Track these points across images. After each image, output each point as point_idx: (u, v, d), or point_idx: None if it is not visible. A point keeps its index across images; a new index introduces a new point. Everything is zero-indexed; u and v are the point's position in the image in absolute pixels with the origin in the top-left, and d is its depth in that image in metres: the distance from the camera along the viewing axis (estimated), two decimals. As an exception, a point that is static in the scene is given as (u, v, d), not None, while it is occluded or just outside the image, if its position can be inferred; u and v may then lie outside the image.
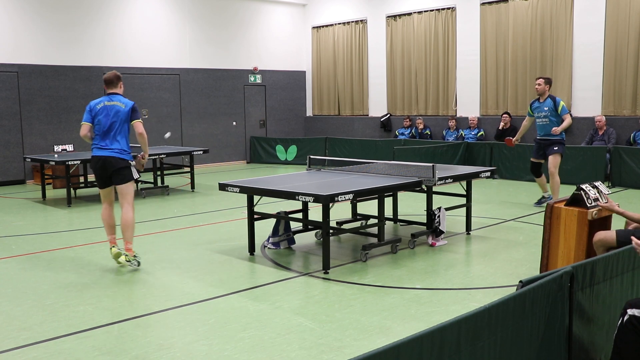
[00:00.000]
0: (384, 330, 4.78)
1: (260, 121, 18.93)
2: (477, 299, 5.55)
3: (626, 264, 3.62)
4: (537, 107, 9.65)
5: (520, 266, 6.57)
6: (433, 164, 7.24)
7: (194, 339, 4.69)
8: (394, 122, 17.56)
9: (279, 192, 6.64)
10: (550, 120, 9.48)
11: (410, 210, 9.50)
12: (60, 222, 9.61)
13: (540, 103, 9.62)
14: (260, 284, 6.12)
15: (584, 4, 13.85)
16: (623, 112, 13.52)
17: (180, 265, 6.83)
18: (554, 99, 9.53)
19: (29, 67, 14.25)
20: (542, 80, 9.59)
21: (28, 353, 4.47)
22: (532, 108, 9.77)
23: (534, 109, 9.72)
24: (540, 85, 9.56)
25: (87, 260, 7.09)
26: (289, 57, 19.41)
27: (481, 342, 2.65)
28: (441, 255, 7.12)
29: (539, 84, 9.58)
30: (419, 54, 16.88)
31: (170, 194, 12.20)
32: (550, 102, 9.51)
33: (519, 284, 2.99)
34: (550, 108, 9.47)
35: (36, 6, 14.32)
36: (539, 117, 9.64)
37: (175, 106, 16.90)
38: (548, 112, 9.48)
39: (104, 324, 5.02)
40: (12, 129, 14.09)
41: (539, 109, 9.62)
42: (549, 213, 5.39)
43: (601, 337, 3.55)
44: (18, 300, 5.67)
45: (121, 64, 15.71)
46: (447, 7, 16.21)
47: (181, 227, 8.96)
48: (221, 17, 17.67)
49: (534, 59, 14.73)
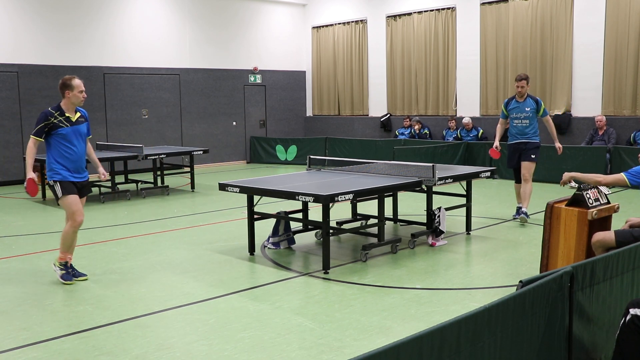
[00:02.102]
0: (384, 330, 4.78)
1: (260, 121, 18.93)
2: (477, 299, 5.55)
3: (626, 264, 3.62)
4: (516, 108, 8.76)
5: (520, 266, 6.57)
6: (433, 164, 7.24)
7: (194, 339, 4.69)
8: (394, 122, 17.56)
9: (279, 192, 6.64)
10: (531, 122, 8.73)
11: (410, 210, 9.50)
12: (60, 222, 9.56)
13: (519, 103, 8.74)
14: (260, 284, 6.12)
15: (584, 4, 13.85)
16: (623, 112, 13.52)
17: (180, 265, 6.83)
18: (535, 99, 8.79)
19: (29, 67, 14.25)
20: (526, 82, 8.72)
21: (28, 353, 4.47)
22: (509, 109, 8.85)
23: (511, 110, 8.81)
24: (523, 87, 8.69)
25: (87, 260, 7.09)
26: (289, 57, 19.41)
27: (481, 342, 2.65)
28: (441, 255, 7.12)
29: (523, 86, 8.69)
30: (419, 54, 16.88)
31: (170, 194, 12.19)
32: (531, 102, 8.71)
33: (519, 284, 2.99)
34: (532, 109, 8.69)
35: (36, 6, 14.32)
36: (517, 119, 8.77)
37: (175, 106, 16.90)
38: (530, 112, 8.68)
39: (104, 324, 5.02)
40: (12, 129, 14.09)
41: (517, 109, 8.74)
42: (549, 213, 5.39)
43: (601, 337, 3.55)
44: (18, 300, 5.67)
45: (121, 64, 15.73)
46: (447, 7, 16.21)
47: (181, 227, 8.96)
48: (221, 17, 17.67)
49: (534, 59, 14.73)
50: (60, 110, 6.11)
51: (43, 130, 6.02)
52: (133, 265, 6.85)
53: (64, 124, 6.05)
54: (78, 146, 6.14)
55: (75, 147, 6.10)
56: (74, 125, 6.13)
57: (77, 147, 6.13)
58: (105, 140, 15.28)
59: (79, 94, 6.15)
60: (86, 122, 6.35)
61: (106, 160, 11.84)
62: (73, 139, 6.09)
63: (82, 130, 6.22)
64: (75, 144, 6.10)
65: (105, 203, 11.16)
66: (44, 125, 6.01)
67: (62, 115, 6.09)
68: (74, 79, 6.21)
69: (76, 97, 6.13)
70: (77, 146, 6.13)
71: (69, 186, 6.05)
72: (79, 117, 6.24)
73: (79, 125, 6.18)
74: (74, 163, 6.10)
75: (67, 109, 6.14)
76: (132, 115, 16.07)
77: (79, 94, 6.14)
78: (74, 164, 6.10)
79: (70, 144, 6.06)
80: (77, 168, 6.14)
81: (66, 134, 6.04)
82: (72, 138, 6.08)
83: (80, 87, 6.19)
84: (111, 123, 15.68)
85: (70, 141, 6.06)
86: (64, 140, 6.04)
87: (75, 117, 6.18)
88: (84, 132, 6.26)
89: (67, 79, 6.18)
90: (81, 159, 6.18)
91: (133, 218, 9.73)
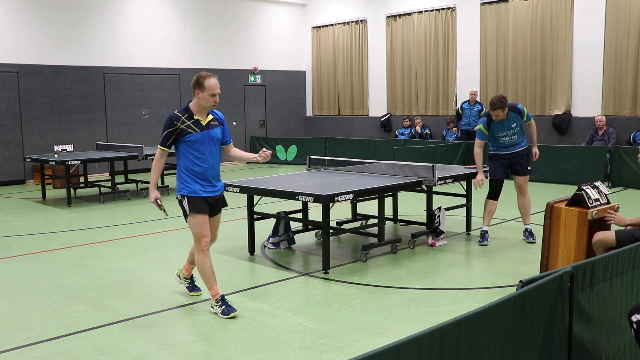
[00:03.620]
0: (384, 330, 4.78)
1: (260, 121, 18.93)
2: (477, 299, 5.55)
3: (626, 264, 3.62)
4: (499, 127, 7.57)
5: (520, 266, 6.57)
6: (433, 164, 7.24)
7: (194, 339, 4.69)
8: (394, 122, 17.56)
9: (279, 192, 6.64)
10: (518, 133, 7.69)
11: (410, 210, 9.50)
12: (60, 222, 9.61)
13: (500, 122, 7.54)
14: (260, 284, 6.12)
15: (584, 3, 13.85)
16: (623, 112, 13.52)
17: (180, 265, 6.82)
18: (517, 110, 7.59)
19: (29, 67, 14.24)
20: (500, 110, 7.38)
21: (28, 353, 4.47)
22: (492, 129, 7.62)
23: (494, 130, 7.61)
24: (498, 116, 7.43)
25: (87, 260, 7.09)
26: (289, 57, 19.41)
27: (481, 342, 2.65)
28: (441, 255, 7.12)
29: (498, 115, 7.41)
30: (419, 54, 16.88)
31: (170, 193, 12.19)
32: (514, 115, 7.55)
33: (519, 284, 2.98)
34: (518, 122, 7.59)
35: (36, 6, 14.32)
36: (503, 136, 7.63)
37: (175, 106, 16.87)
38: (517, 126, 7.60)
39: (104, 324, 5.02)
40: (12, 129, 14.09)
41: (501, 128, 7.58)
42: (549, 213, 5.39)
43: (601, 337, 3.54)
44: (18, 300, 5.67)
45: (121, 64, 15.73)
46: (447, 7, 16.21)
47: (181, 227, 8.95)
48: (221, 17, 17.67)
49: (534, 59, 14.73)
50: (188, 112, 5.10)
51: (169, 138, 5.08)
52: (133, 265, 6.85)
53: (193, 129, 5.06)
54: (210, 154, 5.13)
55: (206, 156, 5.11)
56: (206, 130, 5.10)
57: (210, 155, 5.13)
58: (105, 140, 15.29)
59: (210, 98, 5.05)
60: (221, 126, 5.27)
61: (106, 160, 11.87)
62: (205, 146, 5.09)
63: (215, 135, 5.17)
64: (207, 151, 5.11)
65: (105, 203, 11.16)
66: (169, 133, 5.06)
67: (191, 118, 5.08)
68: (210, 78, 5.09)
69: (206, 100, 5.06)
70: (210, 154, 5.13)
71: (199, 203, 5.09)
72: (211, 120, 5.20)
73: (211, 129, 5.14)
74: (206, 174, 5.13)
75: (196, 111, 5.11)
76: (132, 115, 16.07)
77: (210, 97, 5.05)
78: (206, 176, 5.13)
79: (200, 152, 5.08)
80: (210, 180, 5.17)
81: (196, 140, 5.06)
82: (204, 145, 5.09)
83: (214, 89, 5.05)
84: (111, 123, 15.68)
85: (200, 149, 5.08)
86: (192, 149, 5.07)
87: (206, 120, 5.14)
88: (217, 137, 5.20)
89: (202, 77, 5.08)
90: (214, 169, 5.18)
91: (133, 218, 9.73)
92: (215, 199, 5.24)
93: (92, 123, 15.31)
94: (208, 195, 5.16)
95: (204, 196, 5.13)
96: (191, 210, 5.09)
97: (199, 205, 5.10)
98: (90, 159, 11.49)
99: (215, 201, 5.25)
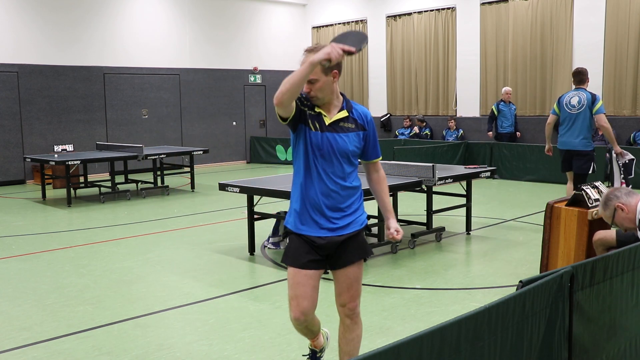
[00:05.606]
0: (384, 330, 4.78)
1: (260, 121, 18.93)
2: (477, 299, 5.55)
3: (626, 264, 3.62)
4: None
5: (520, 266, 6.57)
6: (433, 164, 7.24)
7: (194, 339, 4.68)
8: (394, 122, 17.56)
9: (279, 192, 6.64)
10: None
11: (410, 210, 9.50)
12: (60, 222, 9.61)
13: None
14: (260, 284, 6.11)
15: (584, 3, 13.85)
16: (623, 112, 13.52)
17: (180, 265, 6.83)
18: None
19: (29, 67, 14.24)
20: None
21: (28, 353, 4.47)
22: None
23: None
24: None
25: (87, 260, 7.09)
26: (289, 57, 19.39)
27: (481, 342, 2.65)
28: (441, 255, 7.12)
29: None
30: (419, 54, 16.88)
31: (170, 194, 12.19)
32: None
33: (519, 284, 2.98)
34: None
35: (36, 6, 14.32)
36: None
37: (175, 106, 16.89)
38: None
39: (104, 324, 5.02)
40: (12, 129, 14.09)
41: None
42: (549, 213, 5.39)
43: (601, 337, 3.54)
44: (18, 300, 5.67)
45: (121, 64, 15.73)
46: (447, 7, 16.21)
47: (181, 227, 8.96)
48: (221, 17, 17.67)
49: (534, 59, 14.73)
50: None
51: None
52: (133, 265, 6.85)
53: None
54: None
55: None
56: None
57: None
58: (105, 140, 15.29)
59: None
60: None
61: (106, 160, 11.87)
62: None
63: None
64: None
65: (105, 203, 11.16)
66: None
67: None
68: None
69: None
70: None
71: (297, 246, 3.71)
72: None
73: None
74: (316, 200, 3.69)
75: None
76: (132, 115, 16.07)
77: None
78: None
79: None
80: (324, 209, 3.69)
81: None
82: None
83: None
84: (111, 123, 15.68)
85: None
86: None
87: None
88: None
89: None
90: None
91: (133, 218, 9.73)
92: (336, 240, 3.85)
93: (92, 123, 15.31)
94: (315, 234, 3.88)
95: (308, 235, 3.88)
96: (284, 261, 3.94)
97: (296, 251, 3.97)
98: (90, 159, 11.49)
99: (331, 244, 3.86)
